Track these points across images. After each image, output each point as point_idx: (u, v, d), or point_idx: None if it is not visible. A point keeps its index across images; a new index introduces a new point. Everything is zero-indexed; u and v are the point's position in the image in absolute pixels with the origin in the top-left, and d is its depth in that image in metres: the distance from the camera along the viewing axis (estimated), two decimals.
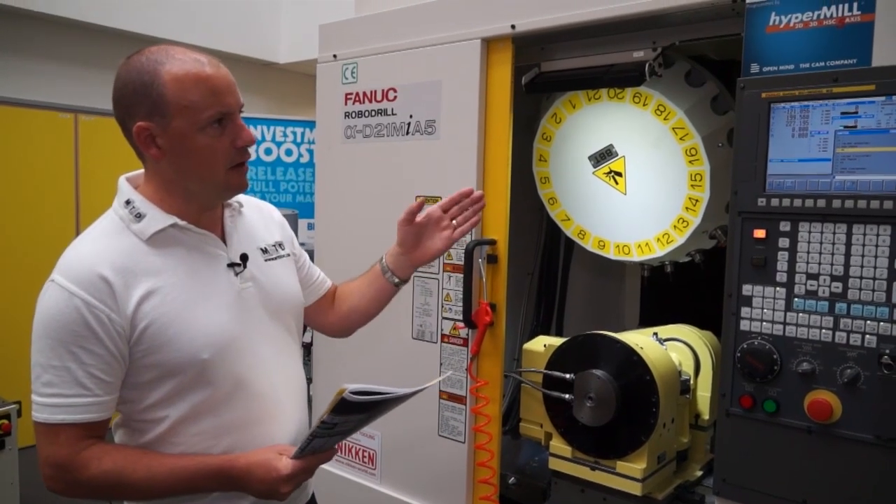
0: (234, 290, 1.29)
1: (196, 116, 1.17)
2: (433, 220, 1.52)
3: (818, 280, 1.31)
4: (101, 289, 1.14)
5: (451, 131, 1.87)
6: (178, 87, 1.16)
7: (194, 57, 1.19)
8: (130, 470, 1.16)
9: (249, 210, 1.43)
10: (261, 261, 1.38)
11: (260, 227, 1.43)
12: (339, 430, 1.20)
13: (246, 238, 1.37)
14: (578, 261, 2.63)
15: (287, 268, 1.46)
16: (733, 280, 1.40)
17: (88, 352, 1.14)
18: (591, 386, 1.69)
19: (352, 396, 1.08)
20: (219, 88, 1.18)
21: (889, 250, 1.23)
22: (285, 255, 1.46)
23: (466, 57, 1.82)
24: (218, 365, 1.23)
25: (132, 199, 1.24)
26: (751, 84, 1.37)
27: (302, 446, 1.18)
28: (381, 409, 1.25)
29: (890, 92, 1.22)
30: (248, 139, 1.23)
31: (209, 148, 1.19)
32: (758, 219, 1.37)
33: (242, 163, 1.25)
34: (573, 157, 2.08)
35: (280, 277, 1.41)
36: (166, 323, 1.18)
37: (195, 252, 1.26)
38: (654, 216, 1.99)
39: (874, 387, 1.25)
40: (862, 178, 1.26)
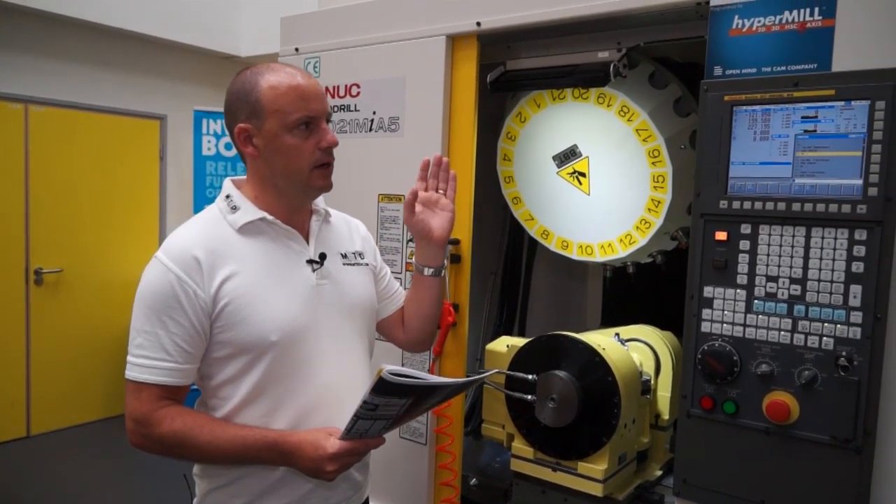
0: (309, 284, 1.38)
1: (285, 119, 1.32)
2: (423, 200, 1.56)
3: (777, 282, 1.32)
4: (192, 266, 1.27)
5: (414, 129, 1.84)
6: (272, 93, 1.32)
7: (289, 70, 1.35)
8: (197, 432, 1.27)
9: (337, 220, 1.56)
10: (339, 264, 1.48)
11: (344, 236, 1.55)
12: (383, 413, 1.22)
13: (328, 242, 1.48)
14: (542, 261, 2.63)
15: (364, 275, 1.54)
16: (695, 282, 1.41)
17: (175, 322, 1.26)
18: (553, 387, 1.68)
19: (389, 377, 1.12)
20: (306, 95, 1.33)
21: (846, 254, 1.25)
22: (364, 263, 1.55)
23: (431, 53, 1.79)
24: (285, 349, 1.32)
25: (231, 194, 1.39)
26: (714, 87, 1.38)
27: (348, 427, 1.23)
28: (426, 399, 1.29)
29: (848, 97, 1.23)
30: (331, 141, 1.36)
31: (296, 147, 1.33)
32: (719, 221, 1.37)
33: (327, 164, 1.38)
34: (537, 156, 2.07)
35: (355, 281, 1.49)
36: (243, 303, 1.29)
37: (279, 245, 1.38)
38: (617, 217, 1.99)
39: (830, 388, 1.26)
40: (820, 181, 1.27)
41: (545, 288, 2.74)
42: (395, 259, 1.90)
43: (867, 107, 1.22)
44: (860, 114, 1.22)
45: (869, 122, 1.22)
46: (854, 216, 1.23)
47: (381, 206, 1.92)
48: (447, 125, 1.80)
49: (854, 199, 1.23)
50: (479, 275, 2.60)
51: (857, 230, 1.24)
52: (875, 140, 1.21)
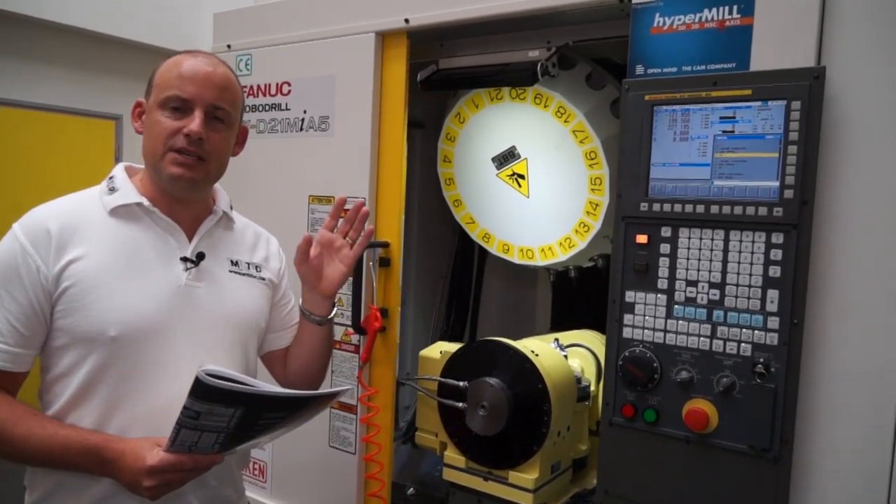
0: (175, 284, 1.28)
1: (159, 94, 1.25)
2: (326, 246, 1.44)
3: (697, 287, 1.28)
4: (41, 239, 1.19)
5: (344, 128, 1.79)
6: (163, 68, 1.28)
7: (201, 55, 1.30)
8: (11, 425, 1.16)
9: (243, 228, 1.47)
10: (224, 270, 1.37)
11: (244, 245, 1.45)
12: (208, 423, 1.10)
13: (220, 245, 1.38)
14: (493, 264, 2.59)
15: (254, 288, 1.42)
16: (617, 286, 1.37)
17: (12, 297, 1.17)
18: (484, 394, 1.64)
19: (205, 377, 1.02)
20: (187, 76, 1.25)
21: (763, 258, 1.22)
22: (258, 277, 1.44)
23: (360, 51, 1.74)
24: (126, 348, 1.21)
25: (116, 175, 1.32)
26: (635, 86, 1.34)
27: (171, 437, 1.11)
28: (266, 412, 1.16)
29: (765, 97, 1.20)
30: (192, 129, 1.24)
31: (159, 126, 1.25)
32: (640, 224, 1.34)
33: (182, 151, 1.25)
34: (477, 158, 2.03)
35: (240, 292, 1.39)
36: (87, 289, 1.19)
37: (153, 236, 1.29)
38: (556, 220, 1.96)
39: (748, 396, 1.23)
40: (738, 184, 1.24)
41: (497, 292, 2.70)
42: None
43: (783, 107, 1.19)
44: (777, 114, 1.19)
45: (785, 122, 1.18)
46: (771, 219, 1.20)
47: (311, 208, 1.86)
48: (377, 125, 1.75)
49: (771, 202, 1.20)
50: (428, 278, 2.55)
51: (774, 233, 1.20)
52: (791, 141, 1.18)
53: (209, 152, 1.27)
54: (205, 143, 1.26)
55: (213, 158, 1.29)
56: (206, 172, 1.29)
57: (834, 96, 1.18)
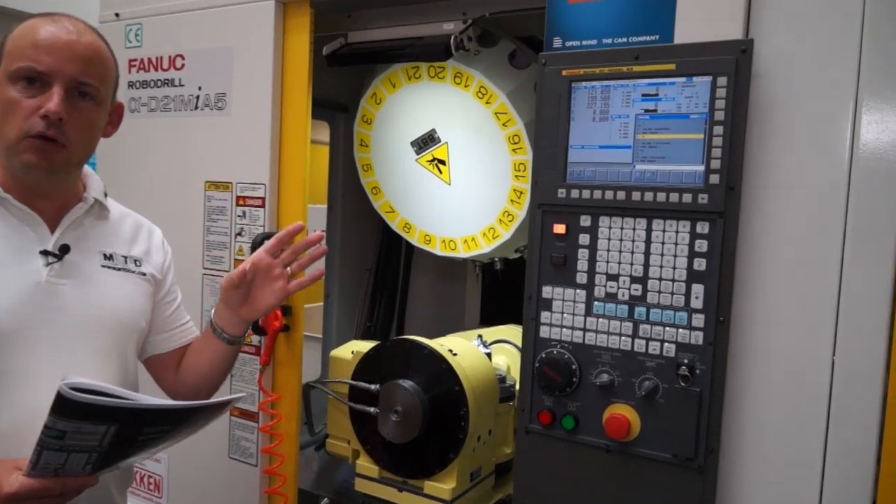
0: (33, 280, 1.13)
1: (9, 65, 1.09)
2: (262, 270, 1.29)
3: (618, 281, 1.17)
4: None
5: (243, 107, 1.62)
6: (15, 34, 1.12)
7: (61, 20, 1.13)
8: None
9: (120, 218, 1.31)
10: (95, 264, 1.22)
11: (122, 237, 1.29)
12: (77, 443, 0.96)
13: (90, 237, 1.23)
14: (421, 257, 2.46)
15: (132, 285, 1.27)
16: (533, 281, 1.25)
17: None
18: (397, 398, 1.51)
19: (68, 392, 0.89)
20: (43, 45, 1.08)
21: (688, 249, 1.11)
22: (137, 272, 1.28)
23: (259, 21, 1.57)
24: None
25: None
26: (552, 60, 1.22)
27: (32, 460, 0.97)
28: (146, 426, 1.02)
29: (690, 72, 1.09)
30: (50, 109, 1.07)
31: (11, 103, 1.08)
32: (558, 212, 1.21)
33: (42, 137, 1.09)
34: (395, 142, 1.89)
35: (113, 291, 1.23)
36: None
37: (3, 227, 1.13)
38: (480, 209, 1.84)
39: (672, 401, 1.12)
40: (661, 168, 1.13)
41: (426, 286, 2.57)
42: (223, 256, 1.67)
43: (709, 83, 1.08)
44: (702, 91, 1.08)
45: (710, 100, 1.08)
46: (695, 207, 1.09)
47: (207, 195, 1.68)
48: (279, 103, 1.58)
49: (695, 188, 1.09)
50: (355, 272, 2.40)
51: (699, 223, 1.10)
52: (717, 121, 1.07)
53: (70, 136, 1.11)
54: (65, 125, 1.09)
55: (75, 142, 1.12)
56: (67, 159, 1.13)
57: (762, 72, 1.07)
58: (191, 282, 1.68)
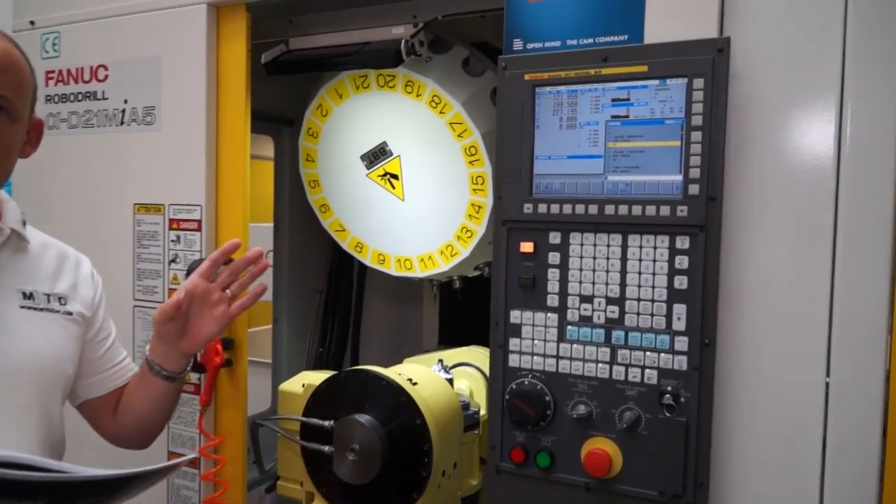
0: None
1: None
2: (198, 297, 1.17)
3: (593, 303, 1.07)
4: None
5: (174, 121, 1.48)
6: None
7: None
8: None
9: (42, 249, 1.16)
10: (14, 304, 1.08)
11: (44, 271, 1.15)
12: None
13: (7, 274, 1.09)
14: (375, 277, 2.33)
15: (57, 327, 1.13)
16: (500, 305, 1.14)
17: None
18: (353, 435, 1.37)
19: None
20: None
21: (667, 266, 1.02)
22: (61, 312, 1.14)
23: (190, 27, 1.44)
24: None
25: None
26: (513, 63, 1.12)
27: None
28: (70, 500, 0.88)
29: (663, 74, 1.00)
30: None
31: None
32: (525, 229, 1.11)
33: None
34: (344, 156, 1.77)
35: (33, 334, 1.09)
36: None
37: None
38: (436, 225, 1.73)
39: (656, 432, 1.03)
40: (636, 178, 1.03)
41: (380, 307, 2.44)
42: (156, 286, 1.51)
43: (684, 86, 0.99)
44: (677, 95, 1.00)
45: (687, 104, 0.99)
46: (674, 220, 1.00)
47: (137, 219, 1.53)
48: (214, 116, 1.45)
49: (674, 200, 1.00)
50: (305, 294, 2.27)
51: (679, 237, 1.01)
52: (694, 126, 0.99)
53: None
54: None
55: None
56: None
57: (740, 73, 0.99)
58: (121, 314, 1.51)
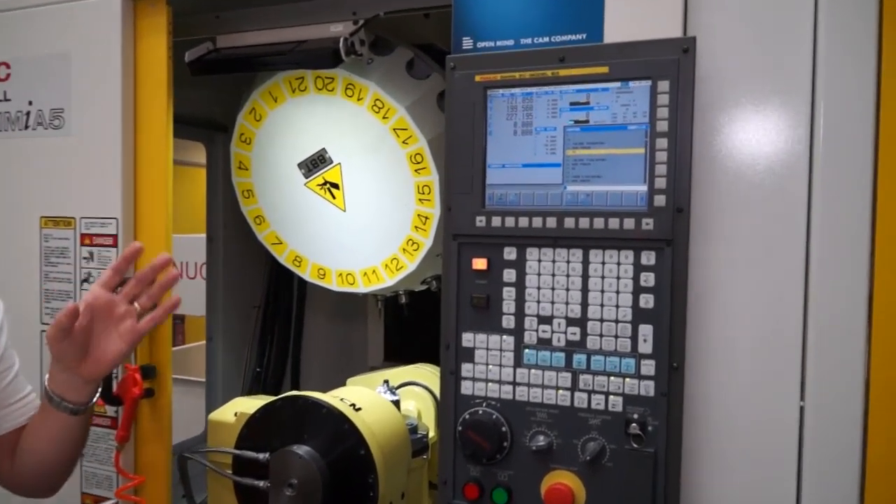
0: None
1: None
2: (102, 311, 1.05)
3: (552, 325, 0.98)
4: None
5: (86, 125, 1.33)
6: None
7: None
8: None
9: None
10: None
11: None
12: None
13: None
14: (317, 292, 2.20)
15: None
16: (450, 327, 1.04)
17: None
18: (291, 468, 1.25)
19: None
20: None
21: (632, 283, 0.94)
22: None
23: (103, 22, 1.29)
24: None
25: None
26: (462, 63, 1.02)
27: None
28: None
29: (625, 76, 0.93)
30: None
31: None
32: (477, 244, 1.02)
33: None
34: (280, 164, 1.65)
35: None
36: None
37: None
38: (380, 238, 1.62)
39: (622, 464, 0.94)
40: (597, 188, 0.95)
41: (322, 323, 2.32)
42: None
43: (648, 88, 0.92)
44: (640, 98, 0.92)
45: (651, 108, 0.92)
46: (639, 234, 0.92)
47: (44, 234, 1.37)
48: (131, 119, 1.30)
49: (638, 212, 0.93)
50: (242, 311, 2.15)
51: (644, 252, 0.93)
52: (660, 133, 0.91)
53: None
54: None
55: None
56: None
57: (707, 75, 0.93)
58: (26, 342, 1.35)
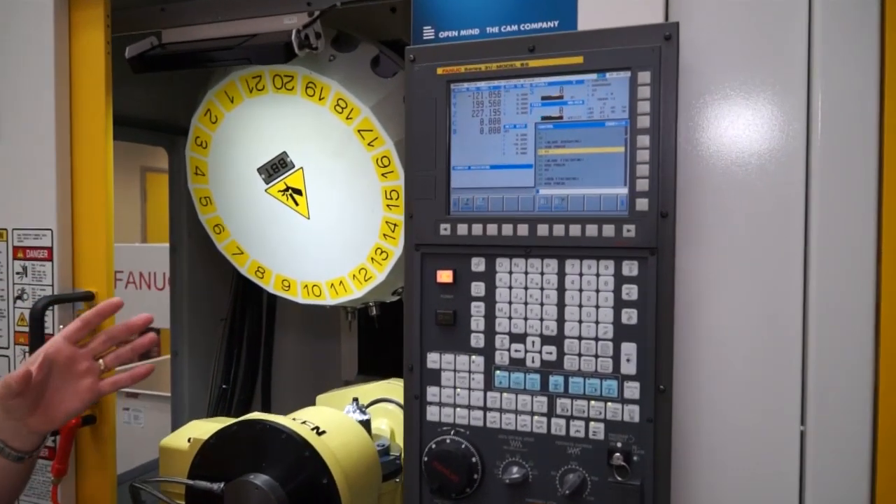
0: None
1: None
2: (61, 364, 0.96)
3: (525, 343, 0.89)
4: None
5: (14, 128, 1.22)
6: None
7: None
8: None
9: None
10: None
11: None
12: None
13: None
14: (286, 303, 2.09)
15: None
16: (414, 347, 0.94)
17: None
18: (247, 500, 1.15)
19: None
20: None
21: (613, 297, 0.84)
22: None
23: (33, 15, 1.18)
24: None
25: None
26: (422, 55, 0.92)
27: None
28: None
29: (602, 67, 0.83)
30: None
31: None
32: (442, 255, 0.92)
33: None
34: (239, 169, 1.54)
35: None
36: None
37: None
38: (347, 247, 1.52)
39: (605, 498, 0.85)
40: (573, 191, 0.86)
41: (293, 336, 2.21)
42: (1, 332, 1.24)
43: (627, 80, 0.82)
44: (619, 91, 0.83)
45: (631, 102, 0.82)
46: (620, 241, 0.83)
47: None
48: (66, 121, 1.19)
49: (619, 217, 0.83)
50: (209, 325, 2.06)
51: (626, 262, 0.84)
52: (640, 129, 0.82)
53: None
54: None
55: None
56: None
57: (690, 66, 0.84)
58: None
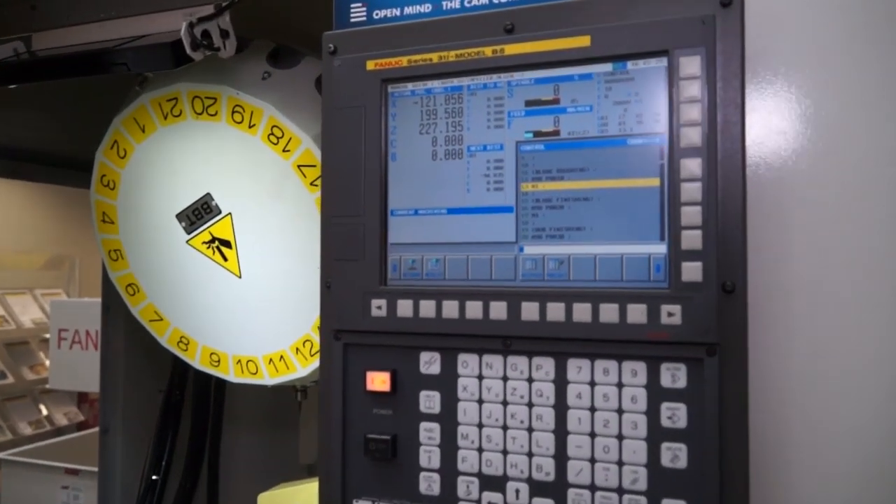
0: None
1: None
2: None
3: (505, 494, 0.55)
4: None
5: None
6: None
7: None
8: None
9: None
10: None
11: None
12: None
13: None
14: None
15: None
16: (333, 492, 0.60)
17: None
18: None
19: None
20: None
21: (646, 422, 0.51)
22: None
23: None
24: None
25: None
26: (346, 42, 0.61)
27: None
28: None
29: (622, 52, 0.52)
30: None
31: None
32: (375, 347, 0.59)
33: None
34: (154, 215, 1.24)
35: None
36: None
37: None
38: (288, 313, 1.21)
39: None
40: (578, 249, 0.53)
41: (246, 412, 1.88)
42: None
43: (664, 71, 0.51)
44: (649, 88, 0.51)
45: (671, 105, 0.51)
46: (656, 332, 0.50)
47: None
48: None
49: (654, 292, 0.51)
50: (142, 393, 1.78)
51: (666, 365, 0.51)
52: (687, 149, 0.50)
53: None
54: None
55: None
56: None
57: (759, 48, 0.52)
58: None
